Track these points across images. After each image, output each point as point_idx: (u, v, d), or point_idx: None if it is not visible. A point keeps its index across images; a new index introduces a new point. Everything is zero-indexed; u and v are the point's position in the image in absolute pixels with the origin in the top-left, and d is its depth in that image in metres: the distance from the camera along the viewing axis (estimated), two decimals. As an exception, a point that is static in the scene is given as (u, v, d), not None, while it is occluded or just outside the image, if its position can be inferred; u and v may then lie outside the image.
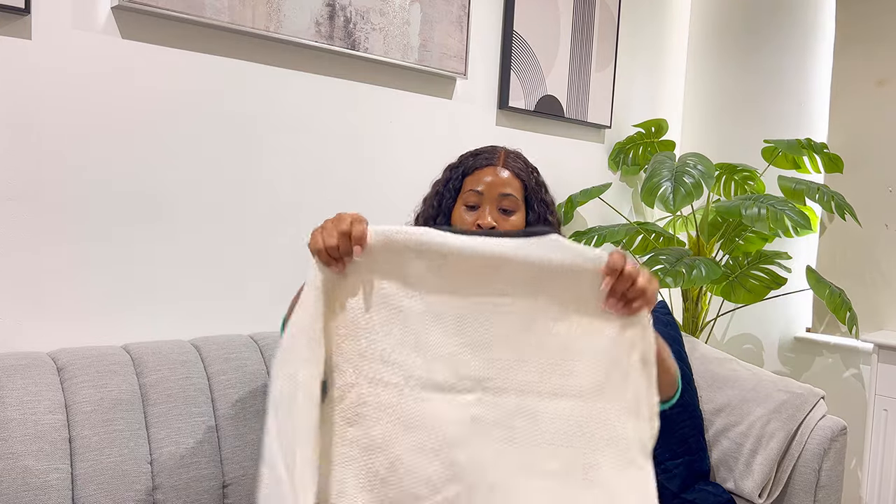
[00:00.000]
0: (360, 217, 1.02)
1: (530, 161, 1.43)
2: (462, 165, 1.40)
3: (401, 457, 0.99)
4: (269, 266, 1.74)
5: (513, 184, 1.35)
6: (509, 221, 1.35)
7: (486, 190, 1.34)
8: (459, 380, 1.01)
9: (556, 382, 1.01)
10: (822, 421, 1.79)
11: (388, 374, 1.01)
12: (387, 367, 1.01)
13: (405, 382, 1.01)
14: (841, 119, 2.48)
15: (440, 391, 1.01)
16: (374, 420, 1.00)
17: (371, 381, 1.01)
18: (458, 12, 2.02)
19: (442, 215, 1.40)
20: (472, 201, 1.35)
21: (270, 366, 1.50)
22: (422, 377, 1.01)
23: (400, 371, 1.01)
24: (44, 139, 1.40)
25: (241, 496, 1.38)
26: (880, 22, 2.40)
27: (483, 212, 1.34)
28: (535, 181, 1.40)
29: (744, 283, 2.26)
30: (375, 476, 0.99)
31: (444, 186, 1.41)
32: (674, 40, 2.86)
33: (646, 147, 2.59)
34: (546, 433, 0.99)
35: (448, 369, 1.01)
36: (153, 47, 1.53)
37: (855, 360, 2.45)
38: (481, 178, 1.35)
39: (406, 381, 1.01)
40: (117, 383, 1.31)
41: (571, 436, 1.00)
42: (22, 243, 1.39)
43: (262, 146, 1.71)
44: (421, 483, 0.98)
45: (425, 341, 1.02)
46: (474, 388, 1.01)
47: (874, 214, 2.40)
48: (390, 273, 1.02)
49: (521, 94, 2.24)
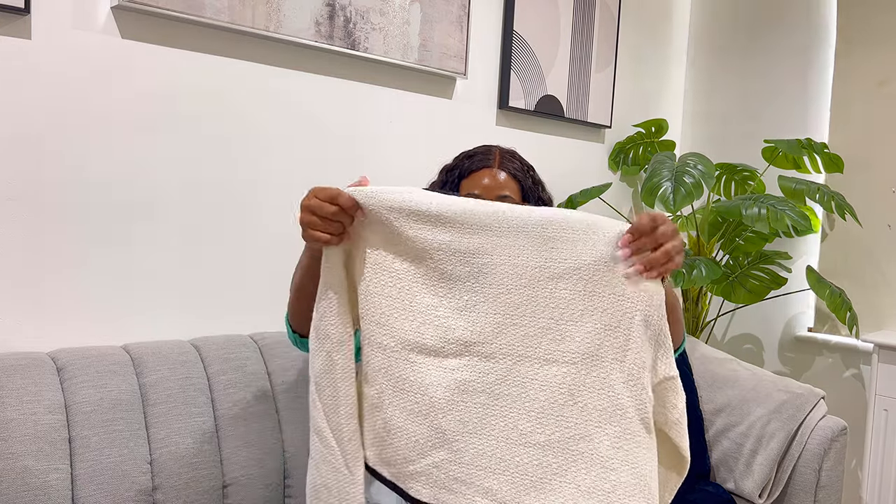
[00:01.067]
0: (335, 190, 0.99)
1: (526, 159, 1.44)
2: (458, 168, 1.40)
3: (392, 418, 1.00)
4: (270, 266, 1.74)
5: (509, 185, 1.36)
6: None
7: (482, 192, 1.35)
8: (447, 343, 0.99)
9: (548, 347, 0.97)
10: (822, 421, 1.79)
11: (382, 336, 1.01)
12: (381, 330, 1.01)
13: (396, 345, 1.00)
14: (843, 119, 2.48)
15: (429, 355, 0.99)
16: (372, 380, 1.02)
17: (370, 343, 1.02)
18: (458, 12, 2.02)
19: None
20: None
21: (270, 366, 1.51)
22: (411, 340, 1.00)
23: (392, 334, 1.00)
24: (44, 139, 1.40)
25: (241, 496, 1.38)
26: (882, 22, 2.40)
27: None
28: (532, 180, 1.40)
29: (744, 283, 2.26)
30: (377, 434, 1.02)
31: (441, 189, 1.41)
32: (674, 40, 2.86)
33: (646, 147, 2.59)
34: (535, 401, 0.96)
35: (437, 333, 0.99)
36: (153, 47, 1.52)
37: (855, 360, 2.45)
38: (478, 181, 1.36)
39: (398, 343, 1.00)
40: (117, 383, 1.31)
41: (562, 405, 0.96)
42: (22, 243, 1.39)
43: (262, 146, 1.71)
44: (410, 446, 0.99)
45: (417, 304, 1.00)
46: (462, 352, 0.99)
47: (875, 215, 2.39)
48: (382, 236, 1.01)
49: (521, 94, 2.24)
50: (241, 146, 1.67)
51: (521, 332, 0.98)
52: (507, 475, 0.96)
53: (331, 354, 1.01)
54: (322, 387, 1.01)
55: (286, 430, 1.46)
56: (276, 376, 1.49)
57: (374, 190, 0.99)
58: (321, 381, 1.01)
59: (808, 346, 2.56)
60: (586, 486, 0.95)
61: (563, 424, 0.96)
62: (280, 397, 1.48)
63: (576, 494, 0.95)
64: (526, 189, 1.38)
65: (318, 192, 0.99)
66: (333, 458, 1.00)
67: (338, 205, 0.98)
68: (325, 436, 1.01)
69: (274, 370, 1.50)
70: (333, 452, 1.00)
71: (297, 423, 1.47)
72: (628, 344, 0.97)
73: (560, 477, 0.96)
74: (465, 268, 0.99)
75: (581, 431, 0.96)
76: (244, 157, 1.68)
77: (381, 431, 1.01)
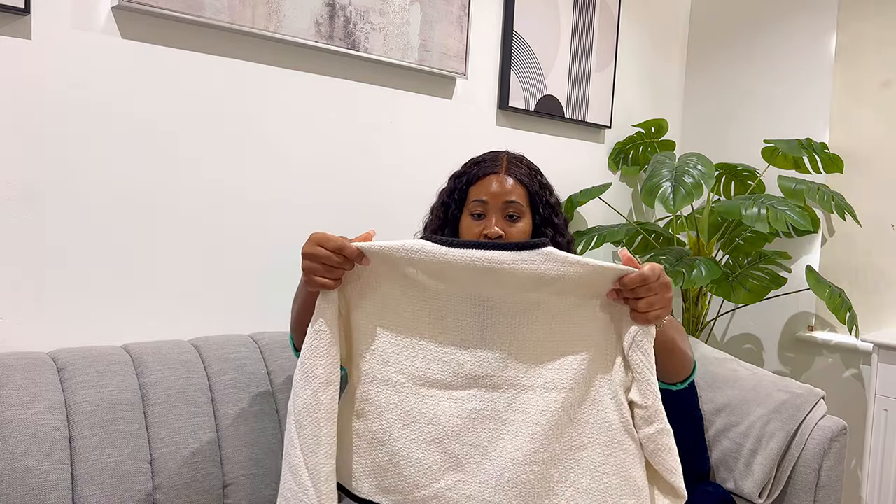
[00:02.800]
0: (342, 242, 1.03)
1: (534, 164, 1.44)
2: (466, 175, 1.41)
3: (402, 449, 1.05)
4: (269, 266, 1.74)
5: (517, 190, 1.37)
6: (516, 227, 1.37)
7: (490, 199, 1.36)
8: (457, 378, 1.06)
9: (548, 376, 1.04)
10: (822, 421, 1.79)
11: (391, 373, 1.07)
12: (389, 367, 1.07)
13: (406, 381, 1.06)
14: (843, 119, 2.48)
15: (440, 388, 1.06)
16: (375, 416, 1.07)
17: (373, 381, 1.07)
18: (458, 12, 2.02)
19: (448, 225, 1.42)
20: (477, 211, 1.38)
21: (270, 366, 1.51)
22: (422, 376, 1.06)
23: (403, 371, 1.06)
24: (44, 139, 1.40)
25: (241, 496, 1.38)
26: (882, 22, 2.40)
27: (489, 221, 1.36)
28: (539, 184, 1.41)
29: (744, 283, 2.26)
30: (378, 466, 1.06)
31: (450, 196, 1.43)
32: (674, 40, 2.86)
33: (646, 147, 2.59)
34: (538, 425, 1.03)
35: (446, 368, 1.06)
36: (153, 47, 1.53)
37: (855, 360, 2.45)
38: (485, 188, 1.37)
39: (408, 379, 1.06)
40: (117, 383, 1.31)
41: (564, 426, 1.04)
42: (22, 243, 1.39)
43: (263, 146, 1.71)
44: (421, 472, 1.04)
45: (425, 343, 1.07)
46: (471, 384, 1.06)
47: (875, 215, 2.39)
48: (389, 279, 1.06)
49: (521, 94, 2.24)
50: (241, 146, 1.67)
51: (525, 365, 1.05)
52: (515, 491, 1.02)
53: (316, 393, 1.03)
54: (303, 425, 1.03)
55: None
56: (276, 376, 1.49)
57: (380, 245, 1.02)
58: (302, 420, 1.03)
59: (808, 346, 2.56)
60: (583, 487, 1.03)
61: (563, 440, 1.04)
62: (280, 397, 1.48)
63: (575, 496, 1.03)
64: (533, 193, 1.39)
65: (323, 241, 1.02)
66: (307, 498, 1.01)
67: (344, 256, 1.02)
68: (300, 474, 1.02)
69: (274, 370, 1.50)
70: (307, 492, 1.02)
71: (297, 423, 1.47)
72: (613, 367, 1.06)
73: (561, 483, 1.04)
74: (471, 308, 1.05)
75: (577, 442, 1.04)
76: (244, 157, 1.68)
77: (386, 463, 1.05)
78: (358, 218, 1.89)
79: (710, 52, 2.83)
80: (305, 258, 1.03)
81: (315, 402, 1.03)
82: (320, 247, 1.02)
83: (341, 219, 1.85)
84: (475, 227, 1.37)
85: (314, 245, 1.02)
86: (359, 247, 1.02)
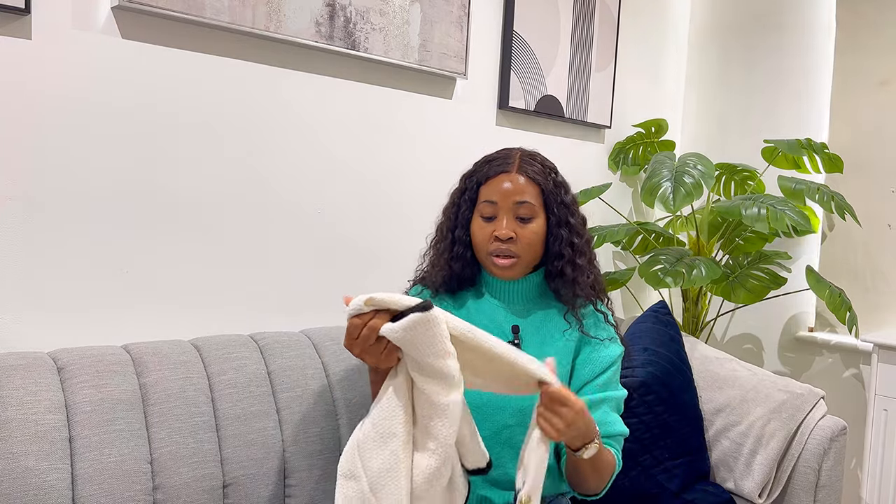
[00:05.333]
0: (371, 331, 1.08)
1: (549, 160, 1.40)
2: (476, 174, 1.37)
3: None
4: (270, 266, 1.74)
5: (529, 189, 1.33)
6: (528, 229, 1.33)
7: (500, 199, 1.32)
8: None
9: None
10: (822, 421, 1.79)
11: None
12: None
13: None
14: (843, 119, 2.48)
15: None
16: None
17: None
18: (458, 12, 2.02)
19: (460, 227, 1.38)
20: (487, 212, 1.34)
21: (270, 366, 1.50)
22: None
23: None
24: (44, 139, 1.40)
25: (241, 496, 1.38)
26: (882, 21, 2.40)
27: (500, 222, 1.32)
28: (553, 182, 1.36)
29: (744, 283, 2.26)
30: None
31: (461, 197, 1.38)
32: (674, 40, 2.86)
33: (646, 147, 2.59)
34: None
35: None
36: (153, 47, 1.53)
37: (855, 360, 2.45)
38: (496, 187, 1.33)
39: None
40: (117, 383, 1.31)
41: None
42: (22, 243, 1.39)
43: (262, 146, 1.71)
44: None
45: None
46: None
47: (875, 215, 2.39)
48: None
49: (521, 94, 2.24)
50: (241, 146, 1.67)
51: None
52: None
53: (396, 452, 1.09)
54: (383, 485, 1.09)
55: (286, 430, 1.46)
56: (276, 376, 1.49)
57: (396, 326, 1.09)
58: (382, 481, 1.09)
59: (808, 346, 2.56)
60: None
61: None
62: (280, 397, 1.48)
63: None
64: (547, 192, 1.34)
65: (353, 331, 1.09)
66: None
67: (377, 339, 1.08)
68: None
69: (274, 370, 1.50)
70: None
71: (297, 424, 1.47)
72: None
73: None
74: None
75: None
76: (244, 157, 1.68)
77: None
78: (358, 218, 1.89)
79: (710, 52, 2.83)
80: (353, 350, 1.11)
81: (395, 460, 1.09)
82: (355, 339, 1.08)
83: (341, 219, 1.85)
84: (486, 229, 1.33)
85: (350, 341, 1.10)
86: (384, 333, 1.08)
